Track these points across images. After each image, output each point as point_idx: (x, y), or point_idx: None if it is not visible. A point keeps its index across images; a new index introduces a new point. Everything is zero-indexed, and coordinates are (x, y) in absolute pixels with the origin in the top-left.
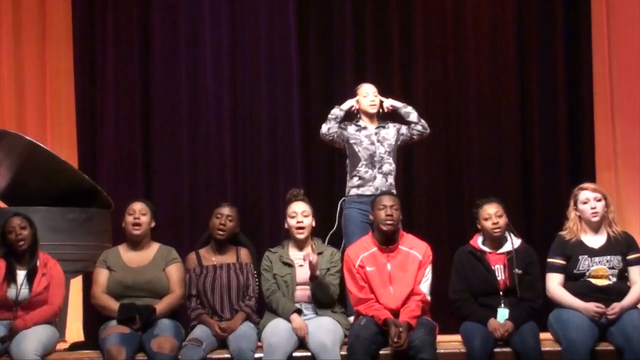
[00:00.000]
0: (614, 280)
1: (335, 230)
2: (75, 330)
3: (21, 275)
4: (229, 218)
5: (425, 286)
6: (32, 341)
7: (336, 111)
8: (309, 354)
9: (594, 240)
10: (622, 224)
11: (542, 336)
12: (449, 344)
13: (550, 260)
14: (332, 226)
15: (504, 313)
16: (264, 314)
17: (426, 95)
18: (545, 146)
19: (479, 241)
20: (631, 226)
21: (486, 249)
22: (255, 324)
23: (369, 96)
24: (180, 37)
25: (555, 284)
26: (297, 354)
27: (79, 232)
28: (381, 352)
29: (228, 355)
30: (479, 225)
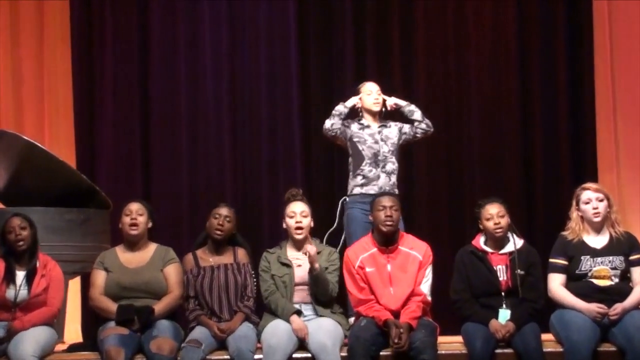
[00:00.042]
0: (616, 280)
1: (335, 229)
2: (73, 332)
3: (20, 276)
4: (227, 219)
5: (426, 287)
6: (30, 342)
7: (340, 107)
8: (309, 355)
9: (596, 240)
10: (624, 224)
11: (544, 337)
12: (450, 345)
13: (552, 260)
14: (332, 226)
15: (505, 314)
16: (263, 315)
17: (427, 95)
18: (546, 146)
19: (481, 241)
20: (633, 226)
21: (488, 249)
22: (254, 324)
23: (372, 94)
24: (180, 36)
25: (557, 284)
26: (297, 355)
27: (77, 232)
28: (382, 353)
29: (227, 357)
30: (481, 225)
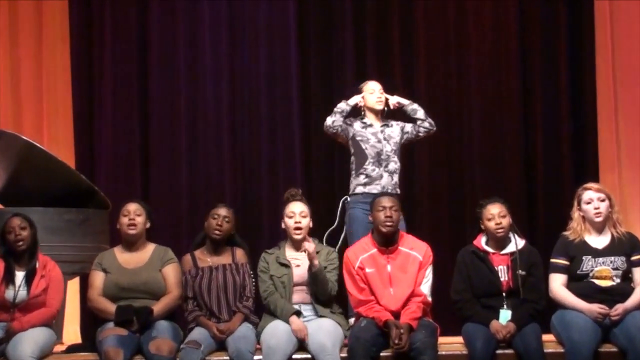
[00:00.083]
0: (617, 281)
1: (335, 228)
2: (72, 332)
3: (20, 276)
4: (225, 219)
5: (426, 287)
6: (28, 343)
7: (342, 105)
8: (308, 356)
9: (597, 240)
10: (626, 224)
11: (545, 338)
12: (451, 345)
13: (553, 260)
14: (332, 226)
15: (506, 314)
16: (263, 316)
17: (427, 95)
18: (547, 146)
19: (482, 241)
20: (635, 226)
21: (489, 249)
22: (254, 324)
23: (375, 93)
24: (179, 36)
25: (558, 284)
26: (297, 356)
27: (76, 233)
28: (382, 354)
29: (227, 358)
30: (482, 225)
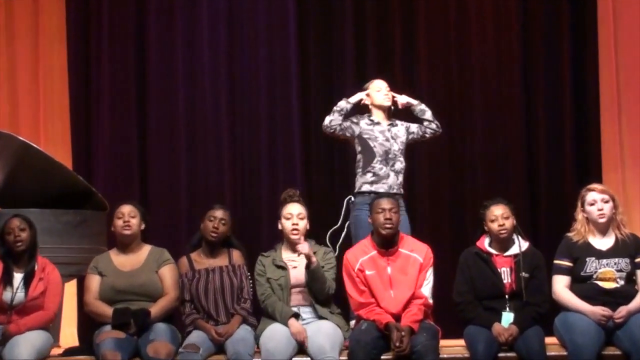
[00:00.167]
0: (621, 283)
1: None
2: (69, 335)
3: (18, 278)
4: (222, 221)
5: (427, 289)
6: (25, 346)
7: (342, 103)
8: (308, 359)
9: (601, 242)
10: (629, 224)
11: (548, 340)
12: (452, 348)
13: (556, 262)
14: (332, 226)
15: (508, 317)
16: (261, 319)
17: (429, 94)
18: (550, 146)
19: (485, 243)
20: (638, 227)
21: (493, 251)
22: (252, 326)
23: (382, 90)
24: (177, 35)
25: (561, 286)
26: (297, 359)
27: (73, 234)
28: (383, 357)
29: None
30: (485, 226)
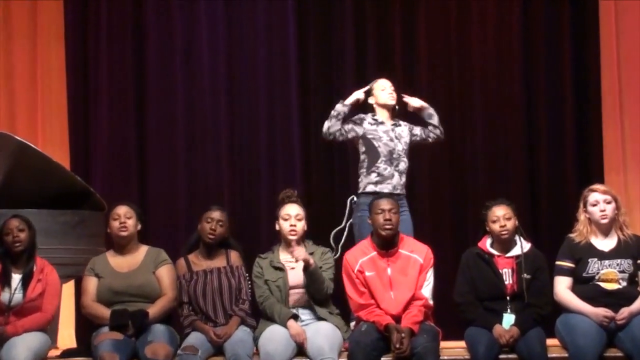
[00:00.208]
0: (624, 284)
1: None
2: (67, 337)
3: (16, 279)
4: (219, 223)
5: (427, 290)
6: (22, 348)
7: (339, 107)
8: None
9: (604, 243)
10: (631, 226)
11: (549, 342)
12: (453, 350)
13: (558, 263)
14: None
15: (509, 318)
16: (260, 321)
17: (429, 95)
18: (551, 146)
19: (487, 243)
20: None
21: (494, 251)
22: (251, 327)
23: (386, 89)
24: (176, 35)
25: (563, 287)
26: None
27: (71, 235)
28: (383, 358)
29: None
30: (487, 227)
